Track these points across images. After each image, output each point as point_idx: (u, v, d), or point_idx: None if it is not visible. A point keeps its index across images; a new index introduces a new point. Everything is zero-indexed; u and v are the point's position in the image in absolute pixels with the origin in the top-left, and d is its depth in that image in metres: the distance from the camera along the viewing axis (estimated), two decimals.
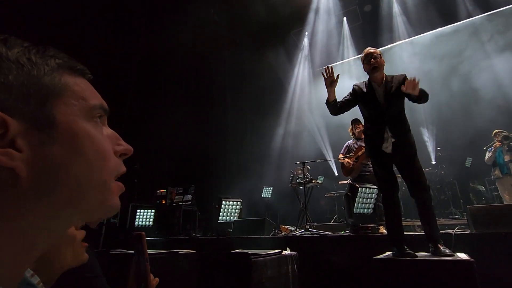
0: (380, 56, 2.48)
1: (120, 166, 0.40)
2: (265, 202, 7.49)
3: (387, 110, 2.42)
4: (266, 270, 2.34)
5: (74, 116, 0.34)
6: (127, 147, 0.42)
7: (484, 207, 3.14)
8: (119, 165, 0.40)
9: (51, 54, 0.35)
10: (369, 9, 8.45)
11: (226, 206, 4.41)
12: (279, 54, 9.21)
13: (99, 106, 0.38)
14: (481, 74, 7.23)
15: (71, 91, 0.35)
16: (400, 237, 2.30)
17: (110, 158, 0.38)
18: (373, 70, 2.45)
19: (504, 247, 2.40)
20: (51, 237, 0.35)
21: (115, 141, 0.41)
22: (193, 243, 4.21)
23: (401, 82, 2.40)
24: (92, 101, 0.37)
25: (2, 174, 0.29)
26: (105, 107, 0.40)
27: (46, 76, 0.33)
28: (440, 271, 1.93)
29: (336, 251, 3.09)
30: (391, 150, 2.39)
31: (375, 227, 3.42)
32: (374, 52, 2.48)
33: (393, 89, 2.40)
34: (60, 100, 0.34)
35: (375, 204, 3.63)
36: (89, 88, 0.39)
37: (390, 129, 2.40)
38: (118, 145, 0.41)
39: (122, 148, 0.41)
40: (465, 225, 3.32)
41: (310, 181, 4.86)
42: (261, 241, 3.61)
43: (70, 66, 0.37)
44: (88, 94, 0.38)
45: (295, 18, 8.53)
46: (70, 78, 0.36)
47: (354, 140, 4.58)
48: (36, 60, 0.33)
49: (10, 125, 0.29)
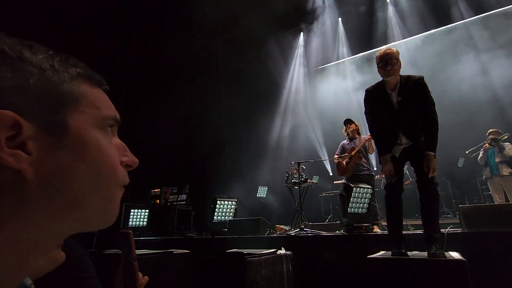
0: (397, 60, 2.28)
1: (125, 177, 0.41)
2: (260, 202, 7.49)
3: (402, 116, 2.30)
4: (261, 269, 2.34)
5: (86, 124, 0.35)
6: (133, 159, 0.43)
7: (476, 207, 3.19)
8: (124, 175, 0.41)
9: (72, 63, 0.37)
10: (364, 10, 8.51)
11: (221, 205, 4.40)
12: (275, 54, 9.22)
13: (112, 117, 0.39)
14: (473, 75, 7.34)
15: (86, 100, 0.36)
16: (399, 236, 2.32)
17: (117, 168, 0.39)
18: (387, 76, 2.30)
19: (496, 246, 2.44)
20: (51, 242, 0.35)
21: (122, 151, 0.42)
22: (187, 243, 4.19)
23: (418, 86, 2.28)
24: (105, 111, 0.38)
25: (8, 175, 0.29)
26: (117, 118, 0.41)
27: (66, 84, 0.34)
28: (433, 270, 1.95)
29: (330, 251, 3.11)
30: (398, 155, 2.37)
31: (369, 226, 3.45)
32: (390, 54, 2.26)
33: (408, 95, 2.27)
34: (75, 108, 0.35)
35: (369, 204, 3.66)
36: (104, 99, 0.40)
37: (404, 135, 2.32)
38: (124, 156, 0.42)
39: (128, 159, 0.42)
40: (458, 225, 3.37)
41: (305, 181, 4.88)
42: (256, 241, 3.61)
43: (88, 76, 0.38)
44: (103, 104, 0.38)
45: (290, 17, 8.55)
46: (87, 87, 0.37)
47: (348, 141, 4.61)
48: (58, 67, 0.34)
49: (23, 128, 0.30)
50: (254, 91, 9.37)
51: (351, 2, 8.31)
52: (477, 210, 3.02)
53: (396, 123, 2.33)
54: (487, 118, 6.85)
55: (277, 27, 8.67)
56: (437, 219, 2.26)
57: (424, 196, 2.26)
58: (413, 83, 2.29)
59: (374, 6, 8.38)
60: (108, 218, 0.38)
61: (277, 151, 8.86)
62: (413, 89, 2.28)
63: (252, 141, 9.13)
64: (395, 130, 2.34)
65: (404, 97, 2.28)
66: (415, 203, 2.35)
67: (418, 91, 2.28)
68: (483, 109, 7.08)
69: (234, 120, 9.08)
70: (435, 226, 2.22)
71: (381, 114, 2.39)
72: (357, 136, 4.51)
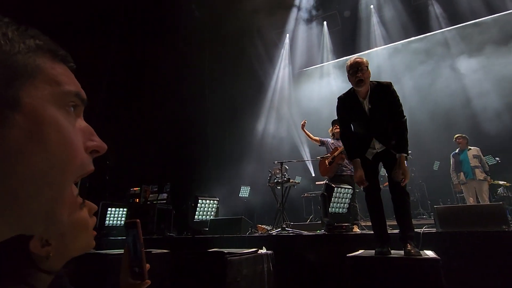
0: (367, 68, 2.34)
1: (88, 164, 0.36)
2: (242, 202, 7.47)
3: (374, 123, 2.39)
4: (241, 268, 2.32)
5: (43, 101, 0.31)
6: (101, 144, 0.38)
7: (450, 208, 3.33)
8: (86, 163, 0.36)
9: (32, 34, 0.33)
10: (348, 15, 8.71)
11: (203, 205, 4.33)
12: (260, 54, 9.24)
13: (74, 93, 0.35)
14: (449, 82, 7.69)
15: (45, 74, 0.32)
16: (382, 234, 2.37)
17: (77, 154, 0.34)
18: (358, 84, 2.34)
19: (467, 245, 2.55)
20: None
21: (88, 135, 0.37)
22: (167, 243, 4.10)
23: (387, 94, 2.36)
24: (67, 86, 0.34)
25: None
26: (82, 96, 0.36)
27: (20, 55, 0.31)
28: (409, 268, 2.00)
29: (311, 250, 3.14)
30: (371, 158, 2.45)
31: (349, 226, 3.51)
32: (360, 62, 2.34)
33: (378, 102, 2.34)
34: (31, 82, 0.31)
35: (349, 204, 3.72)
36: (67, 74, 0.35)
37: (377, 140, 2.40)
38: (91, 140, 0.37)
39: (94, 144, 0.37)
40: (432, 225, 3.49)
41: (288, 181, 4.91)
42: (238, 241, 3.59)
43: (50, 50, 0.34)
44: (64, 80, 0.34)
45: (277, 18, 8.59)
46: (48, 62, 0.33)
47: (333, 140, 4.68)
48: (12, 37, 0.31)
49: None
50: (238, 90, 9.34)
51: (336, 7, 8.47)
52: (450, 210, 3.16)
53: (369, 129, 2.42)
54: (461, 123, 7.19)
55: (263, 27, 8.69)
56: (410, 217, 2.35)
57: (396, 197, 2.35)
58: (382, 89, 2.38)
59: (358, 11, 8.59)
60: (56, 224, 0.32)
61: (260, 151, 8.87)
62: (382, 95, 2.37)
63: (236, 140, 9.09)
64: (368, 136, 2.43)
65: (375, 104, 2.36)
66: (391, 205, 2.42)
67: (387, 97, 2.36)
68: (457, 114, 7.43)
69: (218, 119, 9.00)
70: (409, 224, 2.30)
71: (354, 121, 2.48)
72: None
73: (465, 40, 7.82)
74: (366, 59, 2.42)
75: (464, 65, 7.64)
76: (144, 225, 4.66)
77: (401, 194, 2.31)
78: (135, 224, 0.78)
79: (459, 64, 7.71)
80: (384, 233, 2.39)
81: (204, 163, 8.07)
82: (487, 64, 7.28)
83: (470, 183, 5.32)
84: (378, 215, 2.42)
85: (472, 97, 7.44)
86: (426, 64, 8.01)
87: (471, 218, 2.87)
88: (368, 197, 2.46)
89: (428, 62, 8.01)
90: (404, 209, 2.32)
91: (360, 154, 2.46)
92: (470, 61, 7.60)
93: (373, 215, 2.45)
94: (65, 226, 0.34)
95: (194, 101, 8.14)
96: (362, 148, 2.46)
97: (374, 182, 2.45)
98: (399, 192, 2.31)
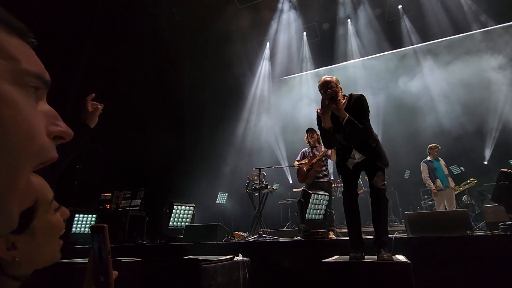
0: (336, 85, 2.48)
1: (50, 150, 0.32)
2: (219, 208, 7.35)
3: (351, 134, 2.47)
4: (216, 276, 2.25)
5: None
6: (66, 129, 0.34)
7: (420, 214, 3.48)
8: (47, 149, 0.32)
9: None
10: (327, 27, 9.02)
11: (178, 211, 4.20)
12: (241, 61, 9.29)
13: (35, 74, 0.31)
14: (420, 94, 8.16)
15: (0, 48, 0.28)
16: (357, 239, 2.42)
17: (36, 137, 0.30)
18: (329, 101, 2.43)
19: (436, 249, 2.67)
20: None
21: (51, 120, 0.34)
22: (139, 251, 3.92)
23: (357, 105, 2.47)
24: (26, 65, 0.30)
25: None
26: (45, 78, 0.32)
27: None
28: (381, 272, 2.05)
29: (287, 256, 3.13)
30: (352, 167, 2.54)
31: (325, 232, 3.54)
32: (329, 81, 2.48)
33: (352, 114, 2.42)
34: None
35: (326, 210, 3.77)
36: (27, 52, 0.32)
37: (356, 150, 2.50)
38: (55, 125, 0.34)
39: (59, 130, 0.34)
40: (403, 231, 3.62)
41: (266, 187, 4.90)
42: (214, 248, 3.50)
43: (7, 23, 0.30)
44: (24, 57, 0.30)
45: (258, 26, 8.71)
46: (4, 36, 0.29)
47: (310, 149, 4.76)
48: None
49: None
50: (218, 95, 9.30)
51: (316, 19, 8.75)
52: (420, 217, 3.30)
53: (348, 141, 2.51)
54: (430, 133, 7.62)
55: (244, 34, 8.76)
56: (385, 222, 2.42)
57: (375, 202, 2.42)
58: (355, 101, 2.51)
59: (336, 24, 8.92)
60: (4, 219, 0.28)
61: (239, 157, 8.82)
62: (355, 107, 2.49)
63: (214, 146, 9.00)
64: (349, 146, 2.52)
65: (350, 115, 2.43)
66: (367, 212, 2.49)
67: (358, 108, 2.47)
68: (427, 124, 7.88)
69: (196, 124, 8.87)
70: (384, 229, 2.38)
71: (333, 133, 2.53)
72: (318, 145, 4.68)
73: (433, 55, 8.39)
74: (335, 77, 2.55)
75: (432, 77, 8.18)
76: (115, 232, 4.44)
77: (380, 200, 2.39)
78: (102, 229, 0.73)
79: (427, 77, 8.24)
80: (359, 238, 2.44)
81: (181, 169, 7.88)
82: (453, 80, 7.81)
83: (444, 191, 5.53)
84: (354, 220, 2.48)
85: (439, 109, 7.94)
86: (398, 76, 8.45)
87: (439, 224, 3.02)
88: (346, 203, 2.52)
89: (399, 75, 8.46)
90: (381, 214, 2.40)
91: (342, 164, 2.55)
92: (437, 76, 8.14)
93: (349, 220, 2.50)
94: (14, 222, 0.29)
95: (171, 105, 7.98)
96: (343, 157, 2.55)
97: (353, 189, 2.53)
98: (379, 198, 2.39)
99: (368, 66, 8.88)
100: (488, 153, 7.51)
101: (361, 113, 2.46)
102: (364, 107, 2.48)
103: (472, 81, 7.52)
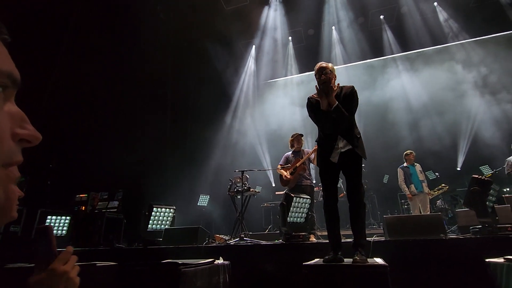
0: (331, 72, 2.58)
1: (14, 153, 0.30)
2: (201, 211, 7.25)
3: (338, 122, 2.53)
4: (195, 281, 2.21)
5: None
6: (33, 133, 0.32)
7: (397, 218, 3.57)
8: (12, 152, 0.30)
9: None
10: (312, 33, 9.18)
11: (158, 213, 4.09)
12: (226, 63, 9.26)
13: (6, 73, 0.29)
14: (399, 102, 8.47)
15: None
16: (336, 242, 2.45)
17: None
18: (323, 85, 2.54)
19: (412, 252, 2.75)
20: None
21: (18, 122, 0.31)
22: (116, 255, 3.77)
23: (348, 95, 2.56)
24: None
25: None
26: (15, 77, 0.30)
27: None
28: (359, 275, 2.08)
29: (268, 259, 3.12)
30: (337, 160, 2.54)
31: (306, 235, 3.57)
32: (325, 67, 2.60)
33: (342, 102, 2.52)
34: None
35: (307, 213, 3.80)
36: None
37: (342, 137, 2.55)
38: (21, 127, 0.31)
39: (25, 133, 0.32)
40: (381, 234, 3.71)
41: (248, 190, 4.88)
42: (194, 251, 3.44)
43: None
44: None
45: (244, 29, 8.72)
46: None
47: (293, 153, 4.78)
48: None
49: None
50: (201, 97, 9.20)
51: (301, 24, 8.88)
52: (397, 220, 3.40)
53: (334, 128, 2.56)
54: (408, 139, 7.91)
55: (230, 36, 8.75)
56: (364, 226, 2.48)
57: (353, 206, 2.48)
58: (346, 92, 2.61)
59: (321, 30, 9.10)
60: None
61: (221, 159, 8.75)
62: (345, 97, 2.58)
63: (197, 148, 8.88)
64: (334, 134, 2.57)
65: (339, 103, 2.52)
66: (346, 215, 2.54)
67: (349, 99, 2.56)
68: (406, 130, 8.18)
69: (179, 125, 8.72)
70: (362, 232, 2.43)
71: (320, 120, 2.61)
72: (301, 150, 4.72)
73: (412, 64, 8.76)
74: (331, 64, 2.64)
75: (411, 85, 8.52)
76: (89, 235, 4.25)
77: (358, 204, 2.45)
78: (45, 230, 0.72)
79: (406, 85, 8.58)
80: (337, 241, 2.47)
81: (162, 170, 7.71)
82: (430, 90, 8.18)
83: (418, 196, 5.73)
84: (334, 225, 2.51)
85: (417, 118, 8.27)
86: (379, 85, 8.74)
87: (415, 227, 3.12)
88: (326, 206, 2.55)
89: (380, 83, 8.75)
90: (359, 218, 2.45)
91: (326, 157, 2.57)
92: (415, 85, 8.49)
93: (329, 224, 2.53)
94: None
95: (154, 104, 7.81)
96: (328, 149, 2.57)
97: (334, 197, 2.56)
98: (357, 202, 2.44)
99: (351, 73, 9.12)
100: (461, 160, 7.89)
101: (350, 103, 2.54)
102: (354, 98, 2.57)
103: (447, 92, 7.90)
